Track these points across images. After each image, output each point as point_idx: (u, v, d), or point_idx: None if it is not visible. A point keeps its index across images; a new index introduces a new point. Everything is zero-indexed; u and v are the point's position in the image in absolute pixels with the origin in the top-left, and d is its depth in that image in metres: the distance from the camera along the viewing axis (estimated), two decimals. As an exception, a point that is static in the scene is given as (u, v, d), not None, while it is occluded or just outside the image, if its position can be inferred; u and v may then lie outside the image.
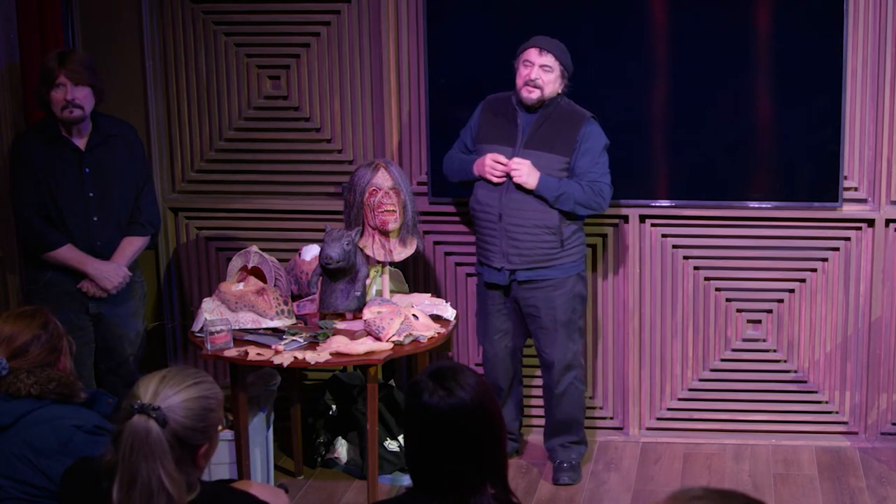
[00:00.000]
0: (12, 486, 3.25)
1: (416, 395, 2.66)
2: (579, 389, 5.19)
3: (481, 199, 5.03)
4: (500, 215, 4.97)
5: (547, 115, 4.98)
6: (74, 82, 4.77)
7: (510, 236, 4.98)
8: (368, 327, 4.64)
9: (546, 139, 4.96)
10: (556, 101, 4.98)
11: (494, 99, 5.10)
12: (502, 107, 5.05)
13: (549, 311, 5.05)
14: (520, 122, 4.99)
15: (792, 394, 5.51)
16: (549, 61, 4.92)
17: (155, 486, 2.65)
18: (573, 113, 5.00)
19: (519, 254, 4.99)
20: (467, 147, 5.15)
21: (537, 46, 4.93)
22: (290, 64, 5.52)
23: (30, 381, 3.34)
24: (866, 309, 5.37)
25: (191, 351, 5.74)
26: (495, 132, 5.03)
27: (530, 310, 5.08)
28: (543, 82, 4.92)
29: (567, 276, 5.04)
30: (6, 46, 5.13)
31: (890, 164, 5.26)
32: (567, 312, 5.07)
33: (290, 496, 4.63)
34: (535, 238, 4.97)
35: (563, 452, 5.22)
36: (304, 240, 5.43)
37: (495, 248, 5.02)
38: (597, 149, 4.98)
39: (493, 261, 5.04)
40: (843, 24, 5.14)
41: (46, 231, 4.85)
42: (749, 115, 5.28)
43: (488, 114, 5.08)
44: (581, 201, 4.94)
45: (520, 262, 5.00)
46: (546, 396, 5.24)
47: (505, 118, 5.02)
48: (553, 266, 5.01)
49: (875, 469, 5.24)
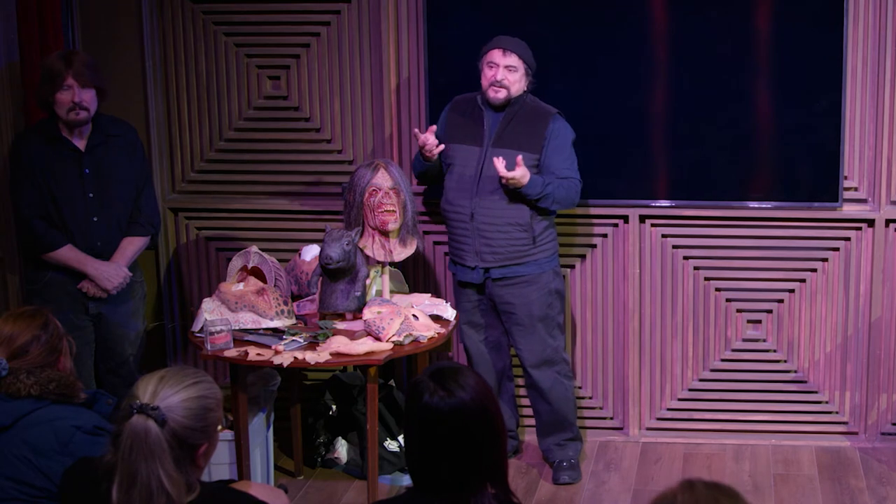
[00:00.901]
0: (12, 487, 3.25)
1: (417, 396, 2.66)
2: (565, 385, 5.19)
3: (452, 200, 5.05)
4: (472, 214, 4.99)
5: (513, 114, 5.00)
6: (81, 84, 4.78)
7: (482, 235, 5.00)
8: (368, 327, 4.64)
9: (514, 137, 4.99)
10: (522, 99, 5.02)
11: (461, 99, 5.14)
12: (469, 107, 5.08)
13: (524, 307, 5.06)
14: (486, 121, 5.02)
15: (792, 394, 5.51)
16: (513, 61, 4.96)
17: (154, 486, 2.65)
18: (539, 110, 5.03)
19: (492, 252, 5.00)
20: None
21: (500, 47, 4.97)
22: (290, 64, 5.52)
23: (30, 382, 3.34)
24: (866, 309, 5.37)
25: (191, 351, 5.74)
26: (462, 132, 5.06)
27: (505, 307, 5.09)
28: (509, 82, 4.96)
29: (541, 272, 5.06)
30: (6, 46, 5.13)
31: (890, 164, 5.26)
32: (543, 308, 5.08)
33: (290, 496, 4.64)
34: (507, 236, 4.99)
35: (560, 451, 5.22)
36: (304, 240, 5.43)
37: (468, 247, 5.04)
38: (567, 145, 5.02)
39: (467, 260, 5.06)
40: (843, 24, 5.14)
41: (46, 231, 4.85)
42: (749, 115, 5.28)
43: (454, 114, 5.12)
44: (559, 199, 4.98)
45: (493, 260, 5.02)
46: (531, 396, 5.25)
47: (471, 118, 5.06)
48: (526, 262, 5.03)
49: (875, 469, 5.24)
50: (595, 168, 5.25)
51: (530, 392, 5.24)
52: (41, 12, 5.20)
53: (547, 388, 5.15)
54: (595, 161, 5.26)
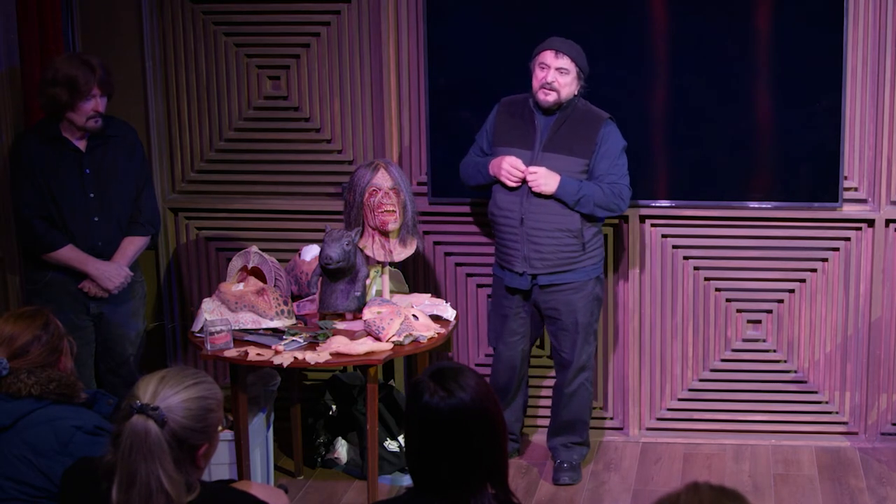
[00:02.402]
0: (12, 487, 3.25)
1: (417, 396, 2.66)
2: (588, 391, 5.19)
3: (501, 205, 4.99)
4: (522, 219, 4.94)
5: (565, 118, 4.95)
6: (103, 93, 4.80)
7: (532, 240, 4.95)
8: (368, 327, 4.64)
9: (565, 142, 4.94)
10: (574, 103, 4.96)
11: (510, 101, 5.06)
12: (519, 109, 5.01)
13: (569, 313, 5.03)
14: (537, 124, 4.96)
15: (792, 394, 5.51)
16: (566, 63, 4.89)
17: (154, 487, 2.65)
18: (591, 114, 4.97)
19: (541, 258, 4.96)
20: (483, 151, 5.11)
21: (553, 48, 4.89)
22: (290, 64, 5.52)
23: (30, 382, 3.34)
24: (866, 309, 5.37)
25: (191, 351, 5.74)
26: (513, 135, 5.00)
27: (551, 312, 5.06)
28: (560, 85, 4.89)
29: (587, 280, 5.02)
30: (6, 47, 5.12)
31: (890, 164, 5.26)
32: (587, 315, 5.06)
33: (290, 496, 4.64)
34: (557, 242, 4.94)
35: (565, 452, 5.22)
36: (304, 240, 5.43)
37: (517, 253, 4.98)
38: (615, 150, 4.96)
39: (515, 265, 5.00)
40: (843, 24, 5.14)
41: (47, 232, 4.85)
42: (749, 115, 5.28)
43: (504, 116, 5.04)
44: (601, 203, 4.92)
45: (542, 267, 4.97)
46: (555, 395, 5.23)
47: (522, 120, 4.99)
48: (574, 269, 4.99)
49: (875, 469, 5.24)
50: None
51: (556, 393, 5.22)
52: (41, 13, 5.20)
53: (573, 392, 5.14)
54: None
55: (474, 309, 5.58)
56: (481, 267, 5.52)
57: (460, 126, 5.36)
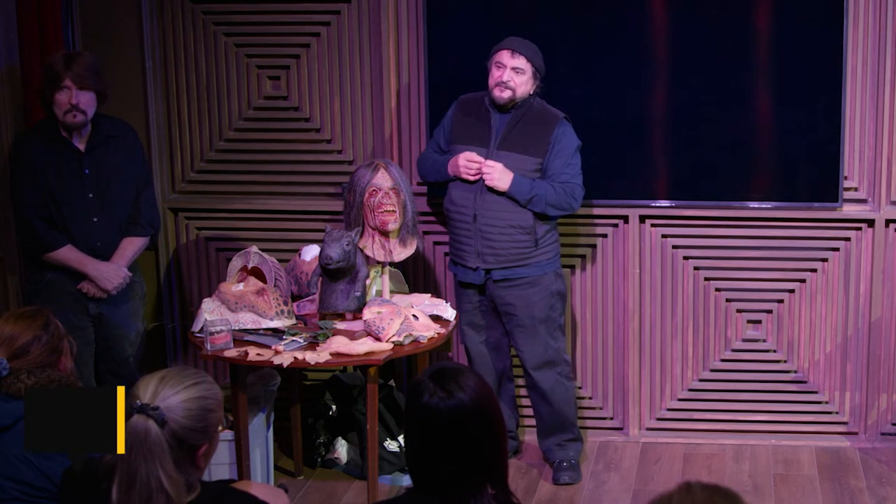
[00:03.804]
0: (12, 487, 3.25)
1: (417, 396, 2.67)
2: (566, 386, 5.19)
3: (455, 200, 5.04)
4: (475, 216, 4.99)
5: (520, 116, 4.99)
6: (79, 86, 4.77)
7: (485, 236, 4.99)
8: (368, 327, 4.64)
9: (519, 140, 4.98)
10: (529, 102, 5.01)
11: (467, 99, 5.12)
12: (475, 107, 5.07)
13: (526, 308, 5.06)
14: (493, 122, 5.01)
15: (792, 394, 5.51)
16: (521, 63, 4.94)
17: (154, 487, 2.65)
18: (546, 114, 5.02)
19: (494, 253, 5.00)
20: (440, 147, 5.17)
21: (509, 48, 4.95)
22: (290, 64, 5.52)
23: (30, 382, 3.34)
24: (866, 309, 5.37)
25: (191, 351, 5.74)
26: (468, 132, 5.05)
27: (506, 308, 5.09)
28: (515, 84, 4.94)
29: (543, 274, 5.05)
30: (6, 47, 5.13)
31: (890, 164, 5.26)
32: (545, 309, 5.08)
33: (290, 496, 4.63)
34: (509, 238, 4.98)
35: (560, 451, 5.22)
36: (304, 240, 5.43)
37: (470, 248, 5.03)
38: (569, 150, 5.00)
39: (468, 260, 5.05)
40: (844, 24, 5.14)
41: (47, 232, 4.85)
42: (749, 115, 5.28)
43: (461, 114, 5.10)
44: (553, 202, 4.96)
45: (495, 262, 5.01)
46: (532, 397, 5.25)
47: (478, 118, 5.04)
48: (528, 264, 5.02)
49: (875, 469, 5.24)
50: (595, 168, 5.25)
51: (531, 393, 5.24)
52: (41, 12, 5.20)
53: (548, 390, 5.15)
54: (595, 161, 5.25)
55: (474, 309, 5.58)
56: (481, 267, 5.52)
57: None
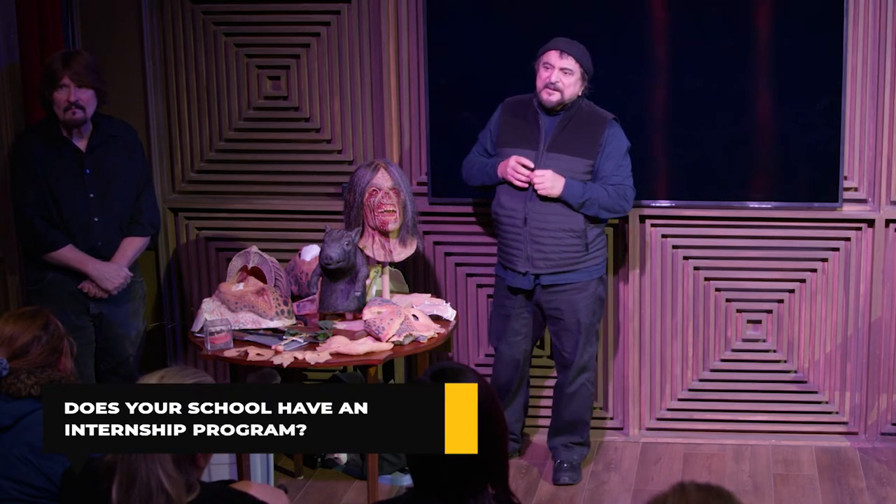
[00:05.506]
0: (12, 487, 3.25)
1: (417, 396, 2.66)
2: (589, 391, 5.19)
3: (505, 204, 4.99)
4: (525, 219, 4.93)
5: (569, 118, 4.94)
6: (77, 84, 4.78)
7: (535, 240, 4.94)
8: (368, 327, 4.64)
9: (569, 142, 4.93)
10: (578, 104, 4.95)
11: (514, 101, 5.05)
12: (522, 109, 5.00)
13: (572, 313, 5.03)
14: (542, 124, 4.95)
15: (792, 394, 5.51)
16: (570, 64, 4.88)
17: (154, 487, 2.65)
18: (595, 115, 4.96)
19: (544, 258, 4.96)
20: (487, 151, 5.10)
21: (558, 49, 4.88)
22: (290, 64, 5.52)
23: (30, 382, 3.34)
24: (866, 309, 5.37)
25: (191, 351, 5.74)
26: (517, 135, 4.99)
27: (553, 312, 5.06)
28: (564, 85, 4.88)
29: (590, 280, 5.02)
30: (6, 46, 5.13)
31: (890, 164, 5.26)
32: (589, 315, 5.06)
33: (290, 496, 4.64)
34: (560, 242, 4.94)
35: (566, 452, 5.22)
36: (304, 240, 5.43)
37: (520, 253, 4.98)
38: (620, 152, 4.96)
39: (518, 265, 4.99)
40: (843, 24, 5.14)
41: (47, 232, 4.85)
42: (749, 115, 5.28)
43: (508, 116, 5.03)
44: (605, 205, 4.92)
45: (545, 267, 4.96)
46: (556, 395, 5.23)
47: (526, 121, 4.98)
48: (577, 270, 4.99)
49: (875, 469, 5.24)
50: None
51: (557, 393, 5.22)
52: (41, 12, 5.20)
53: (574, 392, 5.14)
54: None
55: (474, 309, 5.58)
56: (481, 267, 5.52)
57: (460, 126, 5.36)
